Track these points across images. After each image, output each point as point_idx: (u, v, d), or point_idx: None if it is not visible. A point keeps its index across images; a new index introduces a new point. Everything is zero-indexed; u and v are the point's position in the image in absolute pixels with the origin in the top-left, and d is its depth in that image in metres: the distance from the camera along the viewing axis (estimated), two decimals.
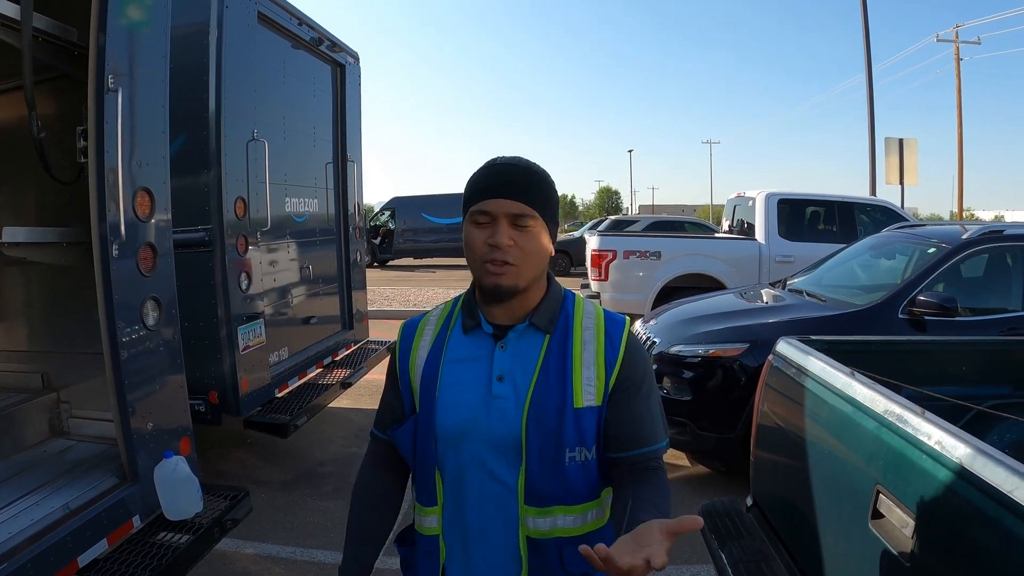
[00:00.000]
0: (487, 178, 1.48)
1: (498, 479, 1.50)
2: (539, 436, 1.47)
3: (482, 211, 1.45)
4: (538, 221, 1.46)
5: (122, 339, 2.82)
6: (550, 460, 1.48)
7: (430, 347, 1.58)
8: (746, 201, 10.34)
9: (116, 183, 2.76)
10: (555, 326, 1.54)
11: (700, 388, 4.95)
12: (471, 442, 1.50)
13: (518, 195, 1.44)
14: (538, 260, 1.48)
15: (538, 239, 1.47)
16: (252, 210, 4.83)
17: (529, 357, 1.51)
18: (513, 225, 1.44)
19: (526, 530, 1.51)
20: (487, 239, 1.44)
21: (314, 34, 5.87)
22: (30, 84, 2.60)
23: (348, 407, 6.94)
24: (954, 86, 28.23)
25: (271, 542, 4.26)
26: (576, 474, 1.51)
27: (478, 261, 1.46)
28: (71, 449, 3.45)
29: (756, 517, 2.90)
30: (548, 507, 1.50)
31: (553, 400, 1.47)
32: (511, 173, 1.47)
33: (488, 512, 1.52)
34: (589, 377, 1.50)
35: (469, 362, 1.53)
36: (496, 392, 1.49)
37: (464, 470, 1.52)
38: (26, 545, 2.42)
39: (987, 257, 5.25)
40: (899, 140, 15.51)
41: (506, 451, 1.49)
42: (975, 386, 3.07)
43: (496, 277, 1.44)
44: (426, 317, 1.66)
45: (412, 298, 15.54)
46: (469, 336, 1.56)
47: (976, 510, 1.55)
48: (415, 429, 1.55)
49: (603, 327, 1.55)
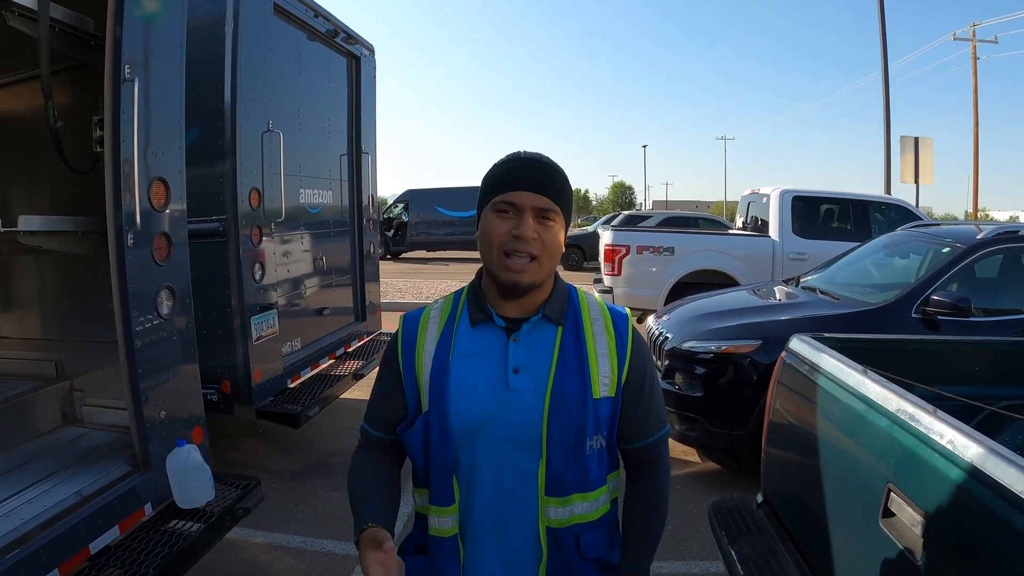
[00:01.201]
0: (513, 171, 1.48)
1: (517, 472, 1.50)
2: (561, 427, 1.47)
3: (508, 202, 1.45)
4: (559, 217, 1.48)
5: (136, 328, 2.84)
6: (571, 450, 1.49)
7: (437, 341, 1.56)
8: (760, 198, 10.29)
9: (132, 173, 2.77)
10: (565, 317, 1.55)
11: (712, 384, 4.94)
12: (487, 437, 1.49)
13: (544, 189, 1.46)
14: (556, 255, 1.49)
15: (558, 235, 1.48)
16: (267, 201, 4.85)
17: (544, 349, 1.52)
18: (537, 218, 1.45)
19: (546, 520, 1.52)
20: (511, 230, 1.44)
21: (330, 26, 5.87)
22: (47, 74, 2.62)
23: (360, 398, 6.93)
24: (971, 85, 27.99)
25: (281, 531, 4.28)
26: (593, 462, 1.53)
27: (497, 251, 1.45)
28: (84, 437, 3.48)
29: (766, 514, 2.89)
30: (567, 496, 1.51)
31: (573, 391, 1.48)
32: (536, 168, 1.48)
33: (507, 506, 1.52)
34: (604, 369, 1.52)
35: (480, 356, 1.52)
36: (514, 385, 1.48)
37: (479, 466, 1.51)
38: (38, 531, 2.44)
39: (1002, 258, 5.21)
40: (915, 139, 15.39)
41: (525, 444, 1.49)
42: (988, 386, 3.04)
43: (516, 274, 1.44)
44: (427, 311, 1.63)
45: (425, 290, 15.56)
46: (478, 329, 1.55)
47: (988, 510, 1.54)
48: (426, 427, 1.52)
49: (611, 319, 1.58)
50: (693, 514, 4.45)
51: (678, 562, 3.88)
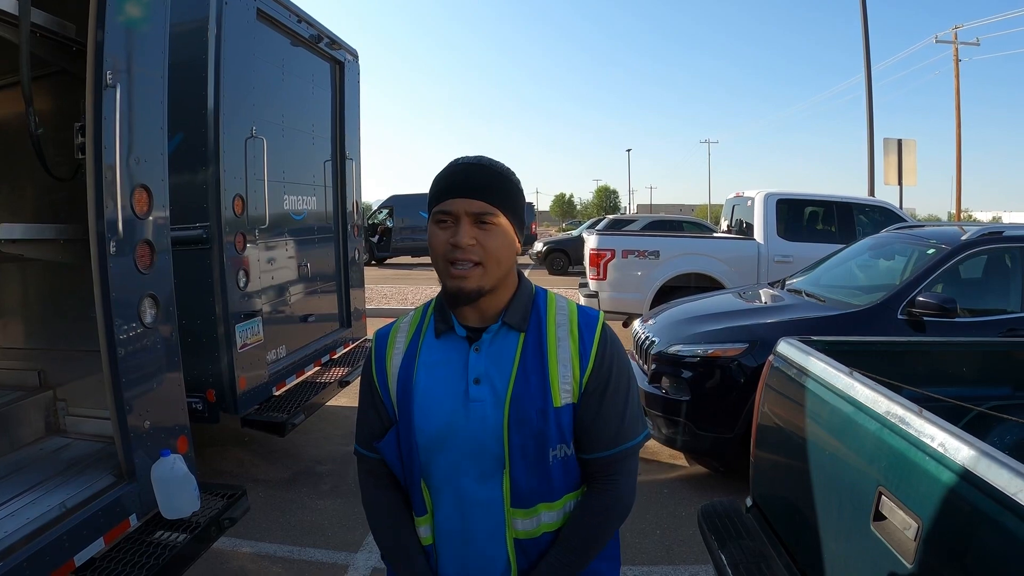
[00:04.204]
0: (448, 178, 1.45)
1: (481, 484, 1.48)
2: (521, 437, 1.45)
3: (444, 211, 1.43)
4: (501, 218, 1.44)
5: (119, 337, 2.81)
6: (533, 460, 1.47)
7: (403, 353, 1.55)
8: (745, 201, 10.33)
9: (114, 180, 2.74)
10: (528, 323, 1.52)
11: (699, 388, 4.94)
12: (451, 447, 1.48)
13: (479, 194, 1.42)
14: (502, 258, 1.45)
15: (502, 237, 1.44)
16: (250, 207, 4.82)
17: (505, 358, 1.49)
18: (475, 223, 1.42)
19: (513, 532, 1.51)
20: (449, 239, 1.41)
21: (313, 31, 5.85)
22: (28, 80, 2.59)
23: (346, 405, 6.91)
24: (953, 88, 28.22)
25: (268, 541, 4.25)
26: (558, 471, 1.50)
27: (441, 261, 1.43)
28: (68, 447, 3.44)
29: (756, 518, 2.89)
30: (533, 507, 1.49)
31: (533, 400, 1.46)
32: (471, 173, 1.45)
33: (473, 517, 1.50)
34: (565, 375, 1.48)
35: (443, 366, 1.51)
36: (473, 395, 1.46)
37: (447, 476, 1.50)
38: (22, 544, 2.41)
39: (986, 258, 5.25)
40: (898, 141, 15.53)
41: (487, 455, 1.47)
42: (975, 387, 3.06)
43: (459, 280, 1.42)
44: (396, 324, 1.63)
45: (410, 296, 15.52)
46: (442, 340, 1.53)
47: (980, 513, 1.54)
48: (397, 439, 1.53)
49: (576, 323, 1.53)
50: (682, 518, 4.45)
51: (667, 566, 3.87)
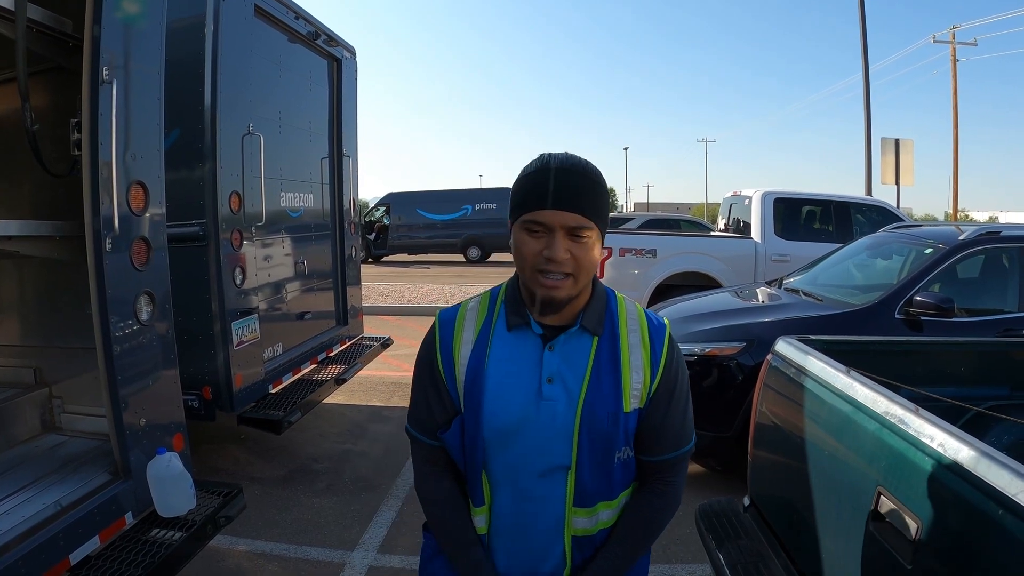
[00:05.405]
0: (540, 185, 1.40)
1: (543, 481, 1.49)
2: (591, 439, 1.46)
3: (537, 222, 1.39)
4: (594, 231, 1.41)
5: (115, 334, 2.80)
6: (599, 462, 1.48)
7: (473, 343, 1.53)
8: (742, 200, 10.33)
9: (110, 176, 2.73)
10: (603, 327, 1.52)
11: (696, 387, 4.91)
12: (518, 443, 1.48)
13: (575, 206, 1.38)
14: (591, 269, 1.44)
15: (593, 249, 1.42)
16: (247, 204, 4.81)
17: (578, 359, 1.49)
18: (569, 236, 1.39)
19: (572, 530, 1.52)
20: (542, 250, 1.39)
21: (310, 28, 5.83)
22: (24, 75, 2.57)
23: (342, 403, 6.91)
24: (950, 87, 28.25)
25: (264, 539, 4.23)
26: (619, 472, 1.52)
27: (530, 269, 1.41)
28: (63, 445, 3.42)
29: (754, 517, 2.88)
30: (594, 506, 1.51)
31: (605, 404, 1.46)
32: (567, 181, 1.39)
33: (531, 513, 1.51)
34: (636, 381, 1.49)
35: (515, 361, 1.50)
36: (546, 394, 1.46)
37: (509, 471, 1.50)
38: (17, 542, 2.40)
39: (984, 258, 5.25)
40: (895, 140, 15.54)
41: (554, 453, 1.47)
42: (973, 387, 3.06)
43: (551, 291, 1.40)
44: (462, 311, 1.59)
45: (407, 294, 15.51)
46: (513, 334, 1.52)
47: (980, 513, 1.54)
48: (462, 429, 1.52)
49: (647, 330, 1.54)
50: (679, 517, 4.42)
51: (664, 565, 3.87)
